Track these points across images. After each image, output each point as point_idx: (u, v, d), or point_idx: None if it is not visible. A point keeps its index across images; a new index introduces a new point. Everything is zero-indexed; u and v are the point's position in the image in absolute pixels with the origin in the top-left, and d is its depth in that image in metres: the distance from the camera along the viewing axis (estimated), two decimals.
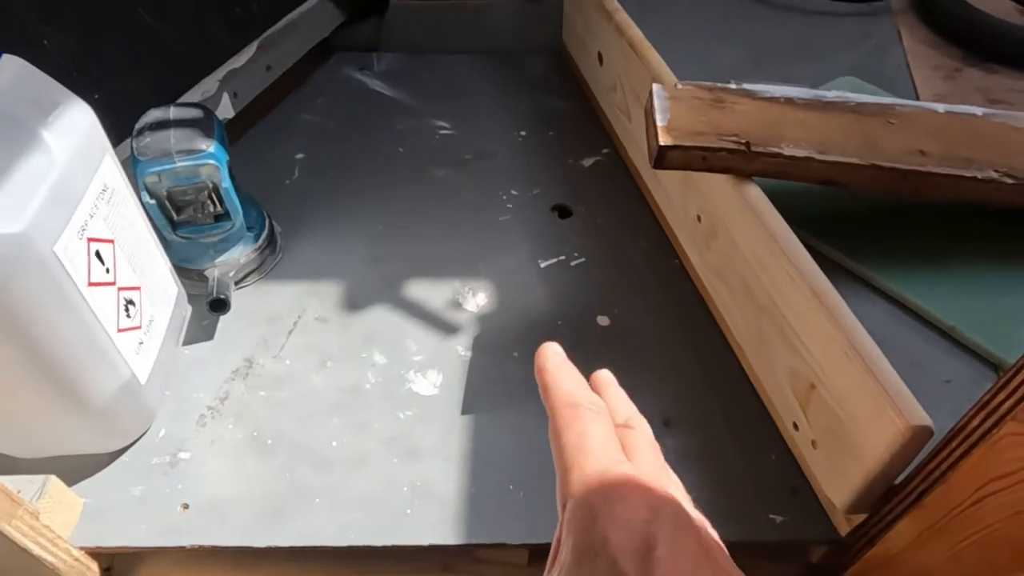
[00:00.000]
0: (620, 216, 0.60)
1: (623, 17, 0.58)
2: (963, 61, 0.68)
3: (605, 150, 0.67)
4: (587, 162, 0.66)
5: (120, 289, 0.39)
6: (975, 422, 0.29)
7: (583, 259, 0.57)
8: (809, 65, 0.70)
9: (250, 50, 0.68)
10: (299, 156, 0.66)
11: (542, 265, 0.56)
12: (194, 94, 0.63)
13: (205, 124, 0.48)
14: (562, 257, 0.57)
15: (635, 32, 0.56)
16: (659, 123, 0.42)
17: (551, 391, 0.28)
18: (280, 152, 0.66)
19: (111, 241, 0.38)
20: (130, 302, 0.40)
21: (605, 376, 0.31)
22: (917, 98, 0.64)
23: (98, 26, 0.55)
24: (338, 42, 0.80)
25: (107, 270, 0.38)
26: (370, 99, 0.73)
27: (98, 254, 0.37)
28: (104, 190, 0.38)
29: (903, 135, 0.46)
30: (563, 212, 0.61)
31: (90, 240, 0.36)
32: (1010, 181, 0.44)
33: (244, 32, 0.69)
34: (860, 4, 0.76)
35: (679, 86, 0.46)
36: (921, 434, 0.31)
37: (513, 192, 0.63)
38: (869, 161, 0.43)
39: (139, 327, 0.41)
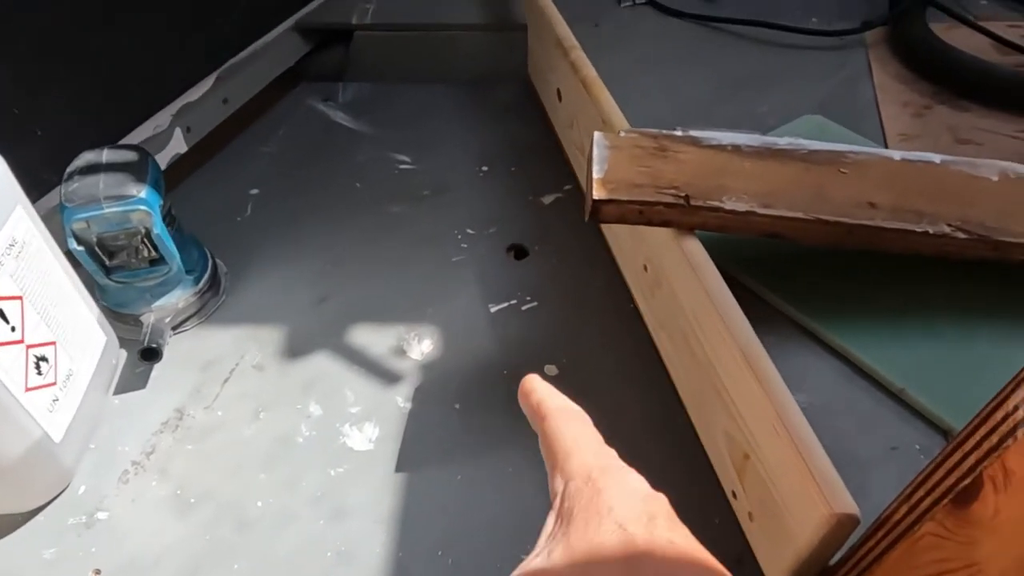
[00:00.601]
0: (576, 257, 0.59)
1: (579, 55, 0.57)
2: (933, 97, 0.67)
3: (567, 187, 0.65)
4: (548, 199, 0.64)
5: (29, 347, 0.38)
6: (898, 515, 0.27)
7: (535, 303, 0.55)
8: (777, 99, 0.68)
9: (207, 82, 0.67)
10: (253, 192, 0.65)
11: (492, 310, 0.54)
12: (146, 129, 0.62)
13: (139, 167, 0.47)
14: (513, 301, 0.55)
15: (589, 71, 0.55)
16: (595, 175, 0.40)
17: (545, 403, 0.30)
18: (234, 187, 0.65)
19: (19, 297, 0.37)
20: (42, 358, 0.39)
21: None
22: (883, 136, 0.63)
23: (43, 57, 0.54)
24: (304, 70, 0.79)
25: (12, 328, 0.36)
26: (332, 131, 0.72)
27: (2, 313, 0.35)
28: (12, 244, 0.37)
29: (854, 185, 0.44)
30: (519, 252, 0.60)
31: None
32: (962, 236, 0.42)
33: (201, 63, 0.68)
34: (834, 37, 0.74)
35: (623, 134, 0.44)
36: (846, 522, 0.29)
37: (469, 231, 0.61)
38: (813, 215, 0.41)
39: (53, 383, 0.40)
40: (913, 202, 0.43)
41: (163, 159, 0.63)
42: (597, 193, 0.39)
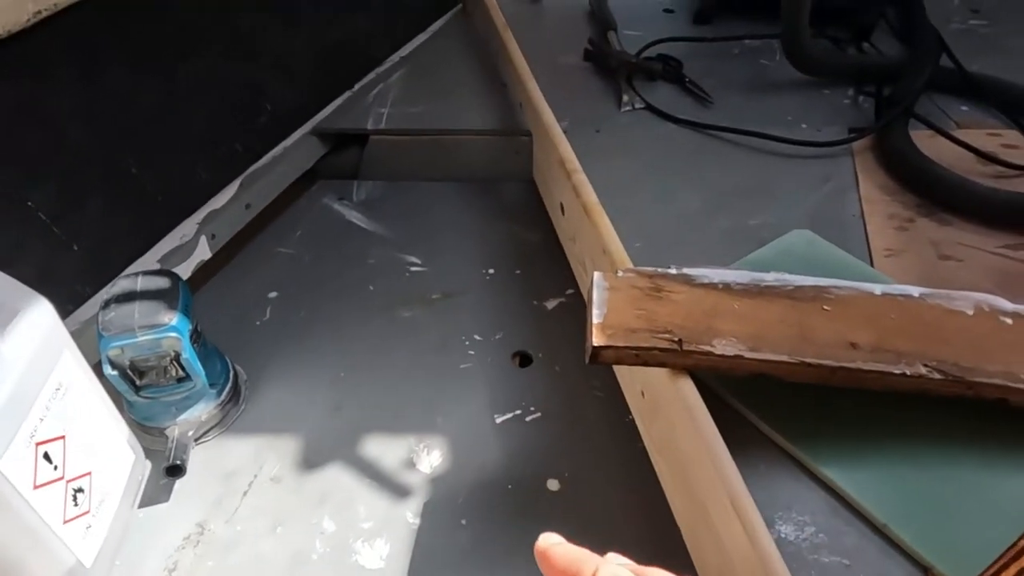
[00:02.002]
0: (578, 366, 0.62)
1: (580, 179, 0.61)
2: (917, 210, 0.71)
3: (569, 291, 0.69)
4: (551, 304, 0.68)
5: (68, 481, 0.41)
6: None
7: (538, 414, 0.58)
8: (768, 211, 0.72)
9: (231, 189, 0.72)
10: (272, 295, 0.68)
11: (498, 420, 0.57)
12: (172, 239, 0.66)
13: (171, 294, 0.51)
14: (518, 411, 0.58)
15: (590, 197, 0.59)
16: (595, 319, 0.44)
17: (557, 554, 0.29)
18: (253, 289, 0.69)
19: (62, 437, 0.40)
20: (79, 490, 0.42)
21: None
22: (869, 250, 0.66)
23: (81, 178, 0.58)
24: (321, 169, 0.83)
25: (55, 467, 0.39)
26: (347, 231, 0.76)
27: (46, 455, 0.38)
28: (59, 388, 0.40)
29: (836, 324, 0.47)
30: (523, 359, 0.63)
31: (39, 444, 0.38)
32: (938, 376, 0.45)
33: (226, 171, 0.72)
34: (822, 147, 0.79)
35: (620, 273, 0.48)
36: None
37: (476, 336, 0.64)
38: (798, 358, 0.44)
39: (87, 511, 0.43)
40: (892, 341, 0.46)
41: (188, 267, 0.66)
42: (596, 339, 0.43)
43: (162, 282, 0.52)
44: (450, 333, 0.65)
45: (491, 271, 0.71)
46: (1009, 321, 0.50)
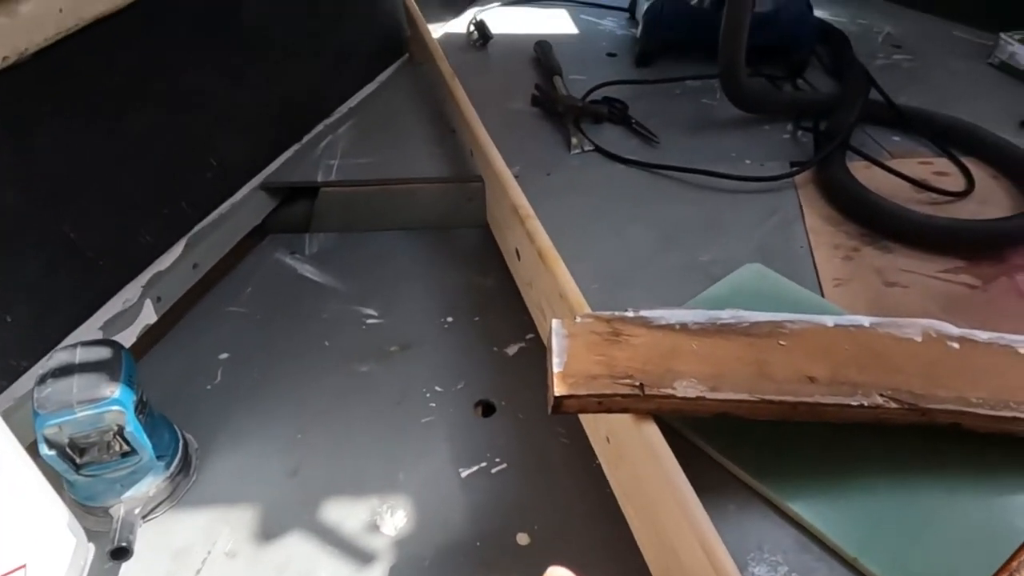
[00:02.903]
0: (542, 413, 0.60)
1: (534, 225, 0.61)
2: (860, 239, 0.73)
3: (529, 336, 0.68)
4: (511, 350, 0.67)
5: None
6: None
7: (504, 465, 0.56)
8: (718, 246, 0.73)
9: (177, 249, 0.70)
10: (223, 356, 0.66)
11: (463, 474, 0.56)
12: (115, 304, 0.63)
13: (112, 365, 0.48)
14: (483, 463, 0.57)
15: (544, 242, 0.59)
16: (555, 368, 0.43)
17: None
18: (203, 351, 0.66)
19: None
20: None
21: None
22: (819, 281, 0.68)
23: (14, 244, 0.56)
24: (271, 224, 0.82)
25: None
26: (300, 286, 0.74)
27: None
28: None
29: (793, 358, 0.48)
30: (487, 408, 0.62)
31: None
32: (893, 405, 0.46)
33: (171, 231, 0.70)
34: (766, 182, 0.81)
35: (579, 319, 0.48)
36: None
37: (437, 388, 0.63)
38: (758, 396, 0.44)
39: None
40: (848, 373, 0.47)
41: (133, 332, 0.64)
42: (558, 389, 0.42)
43: (103, 352, 0.49)
44: (410, 386, 0.63)
45: (449, 319, 0.71)
46: (956, 346, 0.52)
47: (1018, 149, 0.83)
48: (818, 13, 1.27)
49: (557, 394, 0.42)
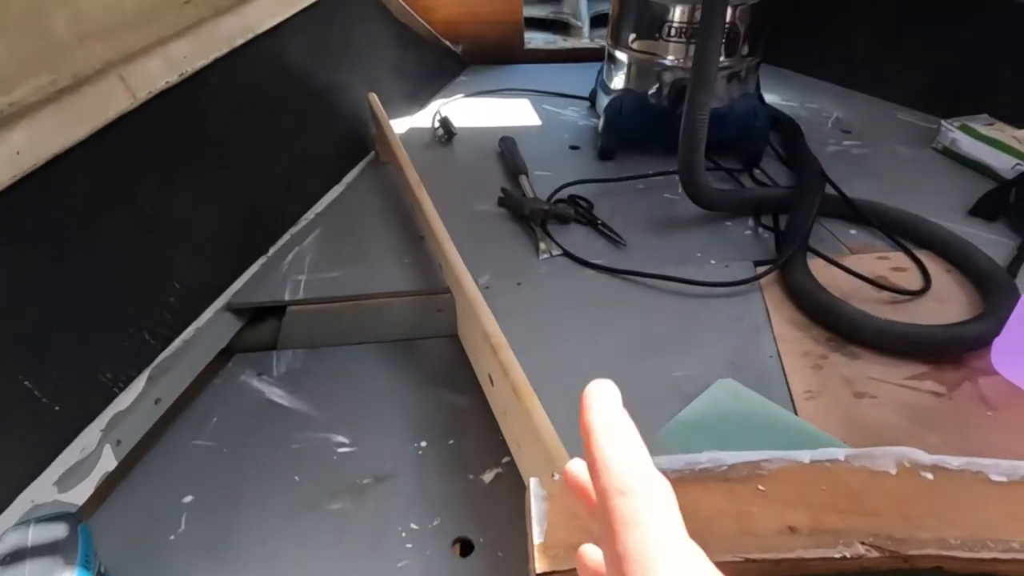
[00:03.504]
0: (522, 548, 0.59)
1: (508, 356, 0.60)
2: (828, 344, 0.74)
3: (505, 459, 0.67)
4: (488, 476, 0.66)
5: None
6: None
7: None
8: (689, 359, 0.74)
9: (138, 385, 0.67)
10: (187, 499, 0.63)
11: None
12: (72, 452, 0.60)
13: (68, 546, 0.46)
14: None
15: (519, 377, 0.58)
16: (535, 539, 0.42)
17: (591, 418, 0.24)
18: (165, 495, 0.63)
19: None
20: None
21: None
22: (790, 394, 0.68)
23: None
24: (237, 344, 0.80)
25: None
26: (268, 413, 0.72)
27: None
28: None
29: (773, 505, 0.47)
30: (465, 546, 0.60)
31: None
32: (876, 554, 0.45)
33: (131, 365, 0.68)
34: (733, 286, 0.82)
35: (556, 477, 0.47)
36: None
37: (413, 526, 0.61)
38: (742, 556, 0.44)
39: None
40: (827, 519, 0.47)
41: (91, 482, 0.61)
42: (540, 565, 0.41)
43: (57, 531, 0.47)
44: (384, 525, 0.61)
45: (423, 444, 0.69)
46: (930, 476, 0.52)
47: (965, 243, 0.86)
48: (770, 98, 1.33)
49: (539, 571, 0.41)
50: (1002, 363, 0.70)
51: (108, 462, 0.62)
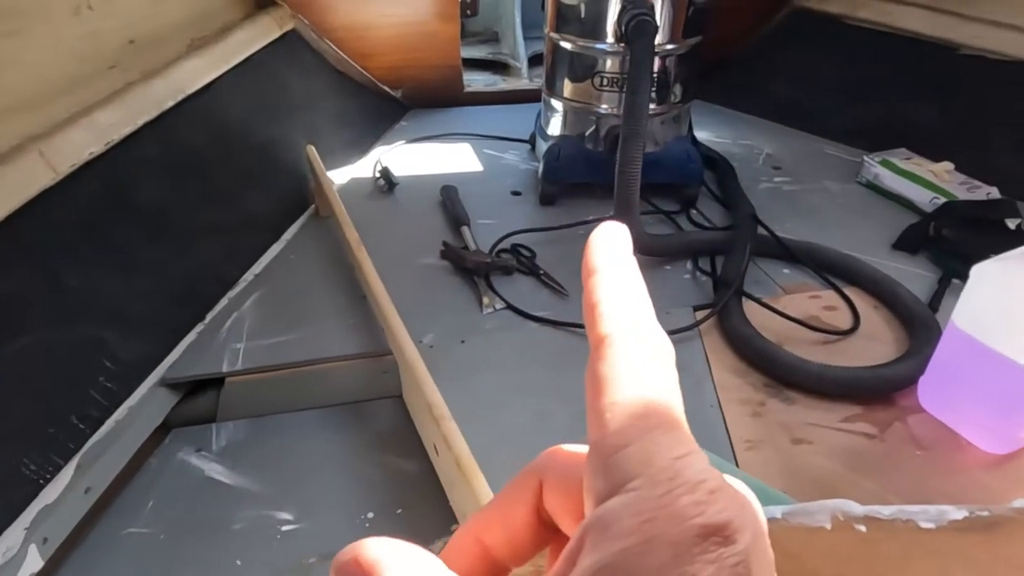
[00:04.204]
0: None
1: (450, 428, 0.60)
2: (766, 391, 0.76)
3: (455, 527, 0.66)
4: (438, 547, 0.64)
5: None
6: None
7: None
8: None
9: (66, 474, 0.64)
10: None
11: None
12: None
13: None
14: None
15: (462, 450, 0.58)
16: None
17: (594, 256, 0.19)
18: None
19: None
20: None
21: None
22: (731, 444, 0.70)
23: None
24: (173, 419, 0.77)
25: None
26: (208, 492, 0.70)
27: None
28: None
29: None
30: None
31: None
32: None
33: (59, 454, 0.65)
34: (673, 335, 0.84)
35: None
36: None
37: None
38: None
39: None
40: None
41: None
42: None
43: None
44: None
45: (370, 515, 0.68)
46: (863, 528, 0.54)
47: (890, 281, 0.90)
48: (703, 135, 1.37)
49: None
50: (928, 401, 0.73)
51: (34, 563, 0.59)
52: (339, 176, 1.24)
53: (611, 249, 0.20)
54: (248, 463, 0.73)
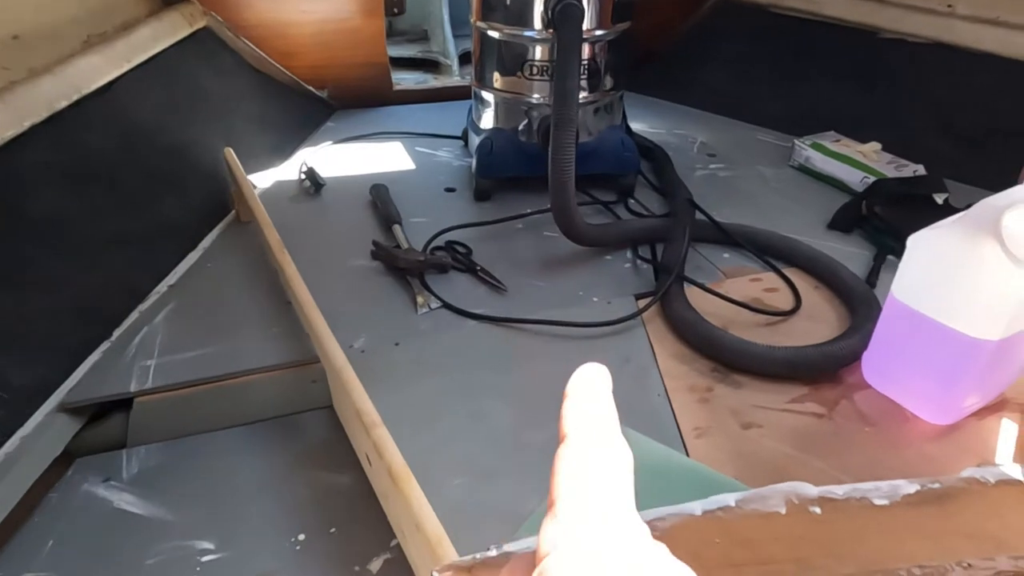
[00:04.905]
0: None
1: (381, 435, 0.55)
2: (712, 376, 0.74)
3: (393, 543, 0.61)
4: (375, 565, 0.60)
5: None
6: None
7: None
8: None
9: None
10: None
11: None
12: None
13: None
14: None
15: (394, 458, 0.53)
16: None
17: (568, 417, 0.23)
18: None
19: None
20: None
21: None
22: (680, 432, 0.67)
23: None
24: (77, 447, 0.70)
25: None
26: (118, 525, 0.63)
27: None
28: None
29: None
30: None
31: None
32: None
33: None
34: (616, 324, 0.81)
35: (435, 574, 0.42)
36: None
37: None
38: None
39: None
40: (723, 575, 0.45)
41: None
42: None
43: None
44: None
45: (301, 537, 0.62)
46: (818, 510, 0.52)
47: (828, 260, 0.90)
48: (638, 126, 1.36)
49: None
50: (873, 377, 0.72)
51: None
52: (262, 179, 1.17)
53: (587, 384, 0.24)
54: (163, 491, 0.66)
